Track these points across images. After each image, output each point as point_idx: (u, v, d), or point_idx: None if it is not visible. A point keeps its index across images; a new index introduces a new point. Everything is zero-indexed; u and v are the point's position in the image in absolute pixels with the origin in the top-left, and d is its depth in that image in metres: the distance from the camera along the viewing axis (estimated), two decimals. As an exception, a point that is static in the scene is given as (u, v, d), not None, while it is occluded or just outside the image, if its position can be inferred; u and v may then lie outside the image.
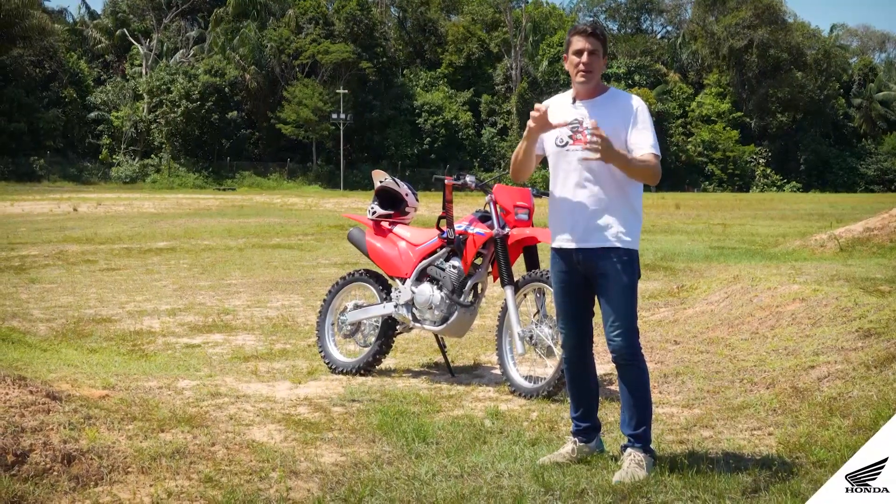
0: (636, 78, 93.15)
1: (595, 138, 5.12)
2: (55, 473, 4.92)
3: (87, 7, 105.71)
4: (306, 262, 19.10)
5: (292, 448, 5.76)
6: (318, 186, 77.33)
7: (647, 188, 6.02)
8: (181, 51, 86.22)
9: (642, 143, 5.33)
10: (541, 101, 5.64)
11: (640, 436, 5.41)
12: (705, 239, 25.12)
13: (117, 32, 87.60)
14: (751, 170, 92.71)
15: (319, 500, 4.89)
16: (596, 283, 5.44)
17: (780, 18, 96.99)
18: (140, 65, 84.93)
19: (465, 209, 8.59)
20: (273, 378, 7.97)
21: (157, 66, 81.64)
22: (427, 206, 27.56)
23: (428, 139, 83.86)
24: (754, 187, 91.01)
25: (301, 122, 78.33)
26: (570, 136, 5.39)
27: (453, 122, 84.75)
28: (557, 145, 5.43)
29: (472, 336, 9.02)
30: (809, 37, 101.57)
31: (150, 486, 4.92)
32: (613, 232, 5.34)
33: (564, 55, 5.52)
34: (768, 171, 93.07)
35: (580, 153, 5.34)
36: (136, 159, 78.99)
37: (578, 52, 5.40)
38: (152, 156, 79.42)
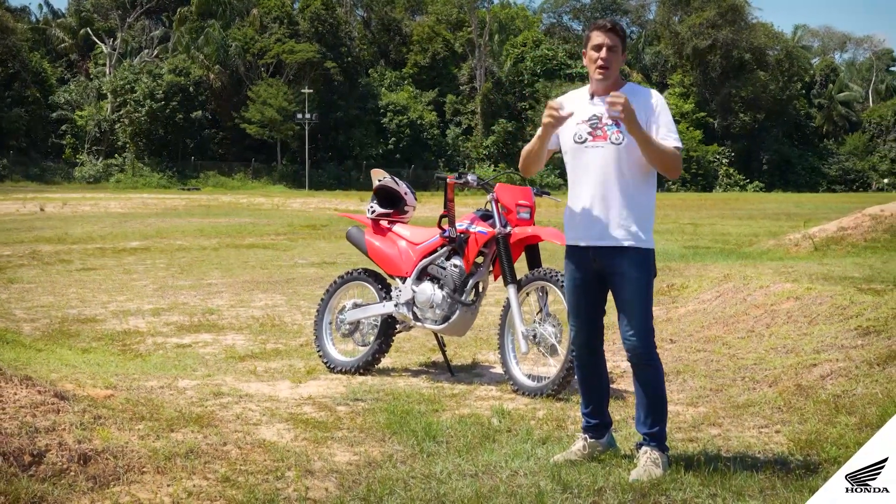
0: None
1: (617, 103, 5.14)
2: (72, 474, 4.88)
3: (50, 6, 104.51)
4: (283, 261, 19.05)
5: (304, 447, 5.74)
6: (283, 186, 77.06)
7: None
8: (145, 50, 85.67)
9: (664, 137, 5.34)
10: (503, 100, 5.64)
11: (655, 434, 5.42)
12: (678, 239, 25.21)
13: (81, 32, 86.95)
14: (714, 169, 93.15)
15: (340, 500, 4.87)
16: (611, 282, 5.45)
17: (744, 19, 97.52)
18: (104, 64, 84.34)
19: (460, 209, 8.58)
20: (272, 377, 7.94)
21: (121, 66, 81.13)
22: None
23: (393, 139, 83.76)
24: (718, 187, 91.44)
25: (266, 121, 78.02)
26: (590, 133, 5.39)
27: (418, 121, 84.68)
28: (576, 142, 5.42)
29: (468, 335, 9.02)
30: (772, 37, 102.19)
31: (168, 485, 4.88)
32: (630, 231, 5.35)
33: (583, 51, 5.53)
34: (731, 170, 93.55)
35: (600, 150, 5.35)
36: (100, 159, 78.43)
37: (597, 48, 5.40)
38: (116, 156, 78.89)
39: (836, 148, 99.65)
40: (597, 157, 5.36)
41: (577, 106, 5.50)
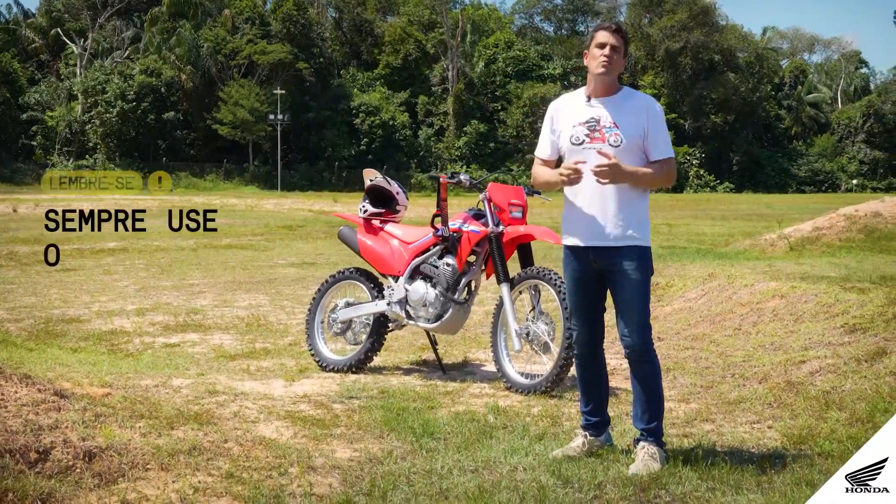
0: (571, 79, 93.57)
1: (603, 168, 5.28)
2: (78, 471, 4.90)
3: (21, 6, 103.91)
4: (262, 262, 19.06)
5: (305, 444, 5.78)
6: (255, 187, 76.89)
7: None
8: (117, 51, 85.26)
9: (658, 145, 5.45)
10: (475, 104, 5.69)
11: (652, 430, 5.50)
12: (654, 238, 24.80)
13: (51, 32, 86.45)
14: (685, 170, 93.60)
15: (345, 495, 4.92)
16: (610, 281, 5.53)
17: (715, 21, 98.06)
18: (74, 65, 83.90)
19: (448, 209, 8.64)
20: (265, 376, 7.98)
21: (92, 67, 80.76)
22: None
23: (365, 140, 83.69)
24: (688, 188, 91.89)
25: (238, 122, 77.82)
26: (587, 135, 5.46)
27: (390, 122, 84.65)
28: (573, 143, 5.49)
29: (458, 333, 9.09)
30: (742, 39, 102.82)
31: (174, 482, 4.91)
32: (628, 230, 5.43)
33: (585, 51, 5.60)
34: (702, 171, 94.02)
35: (601, 149, 5.42)
36: (71, 160, 77.97)
37: (601, 45, 5.48)
38: (87, 156, 78.45)
39: (806, 149, 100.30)
40: (594, 157, 5.42)
41: (574, 108, 5.58)
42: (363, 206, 8.64)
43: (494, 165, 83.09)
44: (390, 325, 8.33)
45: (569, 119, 5.54)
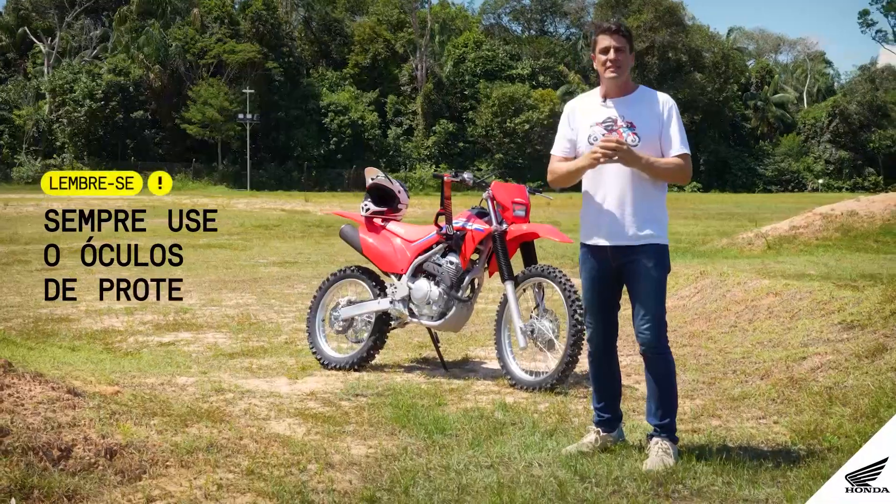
0: (540, 79, 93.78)
1: (611, 144, 5.32)
2: (100, 468, 4.91)
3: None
4: (244, 261, 19.04)
5: (320, 441, 5.82)
6: (225, 187, 76.46)
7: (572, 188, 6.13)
8: (85, 50, 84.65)
9: (673, 142, 5.51)
10: (440, 104, 5.72)
11: (666, 425, 5.56)
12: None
13: (18, 31, 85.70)
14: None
15: (368, 491, 4.95)
16: (627, 278, 5.58)
17: (681, 21, 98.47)
18: (42, 63, 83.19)
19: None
20: (267, 374, 8.00)
21: (60, 65, 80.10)
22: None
23: (335, 139, 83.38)
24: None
25: (207, 122, 77.34)
26: (604, 135, 5.50)
27: (359, 122, 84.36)
28: (591, 143, 5.54)
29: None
30: (708, 39, 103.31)
31: (195, 479, 4.93)
32: (647, 229, 5.49)
33: (592, 55, 5.67)
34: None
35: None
36: (39, 159, 77.26)
37: (605, 50, 5.54)
38: (55, 156, 77.76)
39: (772, 149, 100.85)
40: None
41: (591, 108, 5.64)
42: (365, 205, 8.67)
43: (464, 165, 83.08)
44: (392, 323, 8.37)
45: (585, 119, 5.60)
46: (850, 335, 7.52)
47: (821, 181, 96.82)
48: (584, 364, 7.55)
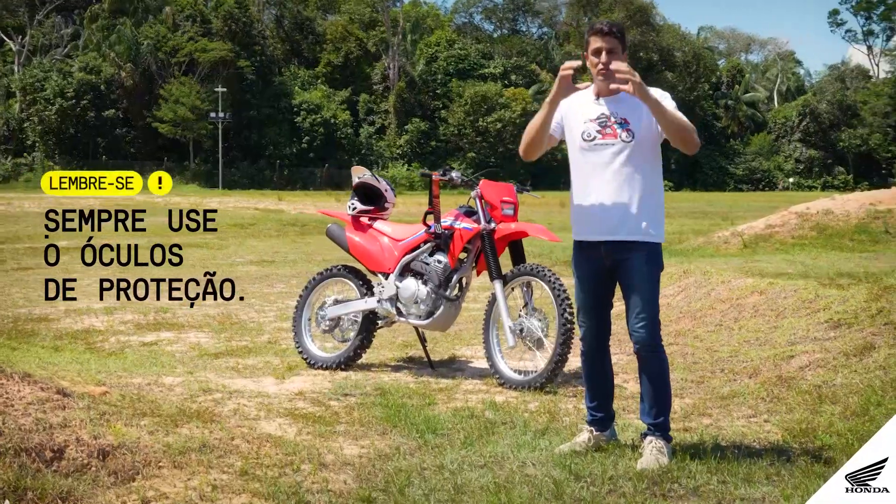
0: (512, 78, 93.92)
1: (623, 68, 5.29)
2: (94, 469, 4.86)
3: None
4: (221, 260, 18.97)
5: (311, 441, 5.79)
6: (197, 185, 76.15)
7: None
8: (56, 48, 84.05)
9: None
10: (411, 104, 5.69)
11: (660, 424, 5.54)
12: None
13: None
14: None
15: (364, 491, 4.91)
16: (621, 276, 5.56)
17: (652, 20, 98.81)
18: (13, 62, 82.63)
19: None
20: (254, 374, 7.96)
21: (31, 64, 79.54)
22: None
23: (307, 138, 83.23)
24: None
25: (178, 120, 77.06)
26: (599, 132, 5.51)
27: (332, 120, 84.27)
28: (585, 139, 5.53)
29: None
30: (679, 39, 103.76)
31: (188, 479, 4.89)
32: (642, 225, 5.48)
33: (584, 53, 5.65)
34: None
35: (610, 147, 5.48)
36: (9, 158, 76.77)
37: (597, 52, 5.51)
38: (25, 154, 77.30)
39: (743, 148, 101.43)
40: (607, 154, 5.48)
41: (584, 105, 5.62)
42: (352, 204, 8.63)
43: (436, 164, 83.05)
44: (379, 322, 8.34)
45: (579, 115, 5.58)
46: (837, 334, 7.55)
47: (791, 180, 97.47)
48: (572, 363, 7.58)
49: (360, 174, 8.63)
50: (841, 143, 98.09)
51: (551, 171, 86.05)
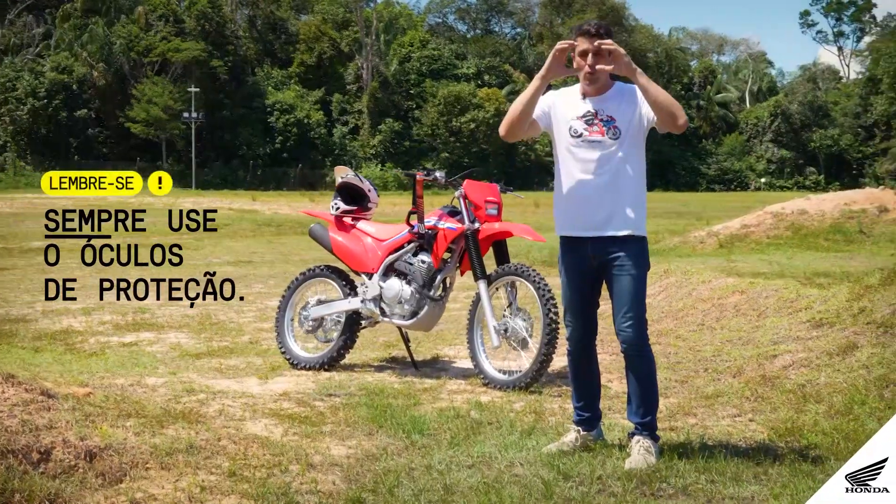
0: (486, 78, 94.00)
1: (609, 45, 5.38)
2: (81, 471, 4.83)
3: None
4: (197, 260, 18.84)
5: (298, 442, 5.76)
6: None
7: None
8: (27, 48, 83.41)
9: None
10: (384, 104, 5.68)
11: (647, 424, 5.55)
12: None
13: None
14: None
15: (353, 492, 4.90)
16: (608, 273, 5.56)
17: (624, 21, 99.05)
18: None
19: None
20: (237, 374, 7.93)
21: (2, 63, 78.91)
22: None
23: (280, 138, 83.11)
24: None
25: (151, 120, 76.72)
26: (585, 129, 5.52)
27: (305, 120, 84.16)
28: (572, 136, 5.55)
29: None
30: (652, 39, 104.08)
31: (177, 481, 4.87)
32: (628, 221, 5.50)
33: (572, 54, 5.67)
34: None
35: (597, 144, 5.49)
36: (-19, 158, 76.29)
37: (584, 54, 5.54)
38: (-4, 155, 76.82)
39: (715, 148, 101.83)
40: (594, 150, 5.50)
41: (571, 103, 5.64)
42: (335, 204, 8.61)
43: (409, 164, 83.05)
44: (363, 322, 8.33)
45: (566, 112, 5.60)
46: (820, 333, 7.59)
47: (763, 180, 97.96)
48: (556, 363, 7.59)
49: (343, 174, 8.61)
50: (812, 143, 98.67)
51: (525, 172, 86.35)
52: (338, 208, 8.57)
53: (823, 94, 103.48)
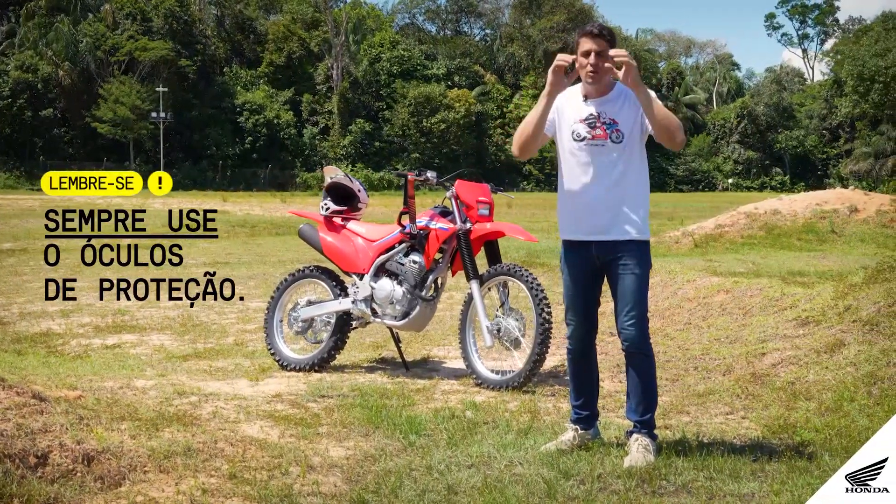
0: (456, 79, 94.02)
1: (622, 53, 5.37)
2: (79, 475, 4.79)
3: None
4: (175, 262, 18.73)
5: (296, 443, 5.74)
6: (138, 186, 75.33)
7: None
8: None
9: None
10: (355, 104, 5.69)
11: (646, 422, 5.58)
12: (558, 237, 25.54)
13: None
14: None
15: (356, 494, 4.88)
16: (611, 275, 5.59)
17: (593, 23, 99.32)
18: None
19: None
20: (226, 376, 7.88)
21: (-35, 62, 78.35)
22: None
23: (249, 138, 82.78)
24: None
25: (118, 120, 76.12)
26: (588, 132, 5.53)
27: (275, 121, 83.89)
28: (575, 139, 5.56)
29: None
30: (620, 41, 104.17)
31: (176, 484, 4.84)
32: (631, 224, 5.53)
33: (575, 56, 5.67)
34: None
35: (600, 147, 5.50)
36: (-56, 159, 75.55)
37: (586, 54, 5.53)
38: (-41, 155, 76.11)
39: (683, 149, 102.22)
40: (596, 153, 5.51)
41: (573, 105, 5.65)
42: (324, 204, 8.57)
43: (380, 164, 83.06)
44: (353, 323, 8.30)
45: (569, 116, 5.61)
46: (806, 331, 7.64)
47: (730, 181, 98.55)
48: (549, 363, 7.60)
49: (332, 174, 8.58)
50: (778, 144, 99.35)
51: (495, 173, 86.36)
52: (327, 208, 8.54)
53: (789, 96, 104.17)
